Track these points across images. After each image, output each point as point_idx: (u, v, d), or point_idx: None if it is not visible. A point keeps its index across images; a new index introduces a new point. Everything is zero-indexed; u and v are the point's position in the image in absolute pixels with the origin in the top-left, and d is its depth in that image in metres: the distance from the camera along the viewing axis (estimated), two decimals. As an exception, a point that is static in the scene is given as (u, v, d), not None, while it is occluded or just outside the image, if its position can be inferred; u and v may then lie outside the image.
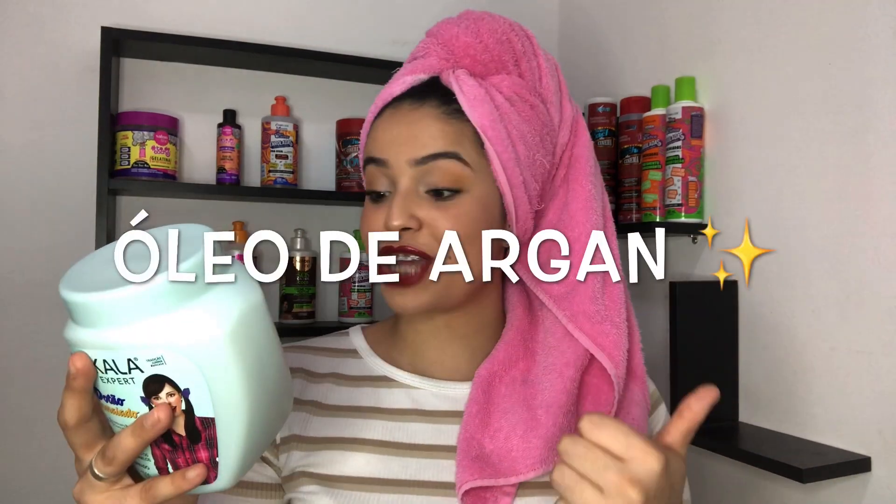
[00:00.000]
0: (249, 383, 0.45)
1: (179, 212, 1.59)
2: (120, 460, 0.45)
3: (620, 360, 0.65)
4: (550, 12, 1.93)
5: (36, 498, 1.44)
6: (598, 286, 0.67)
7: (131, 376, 0.43)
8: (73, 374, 0.43)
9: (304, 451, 0.66)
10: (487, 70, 0.66)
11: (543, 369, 0.66)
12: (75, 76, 1.51)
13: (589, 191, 0.69)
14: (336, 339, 0.75)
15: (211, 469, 0.47)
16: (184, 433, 0.46)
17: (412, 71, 0.66)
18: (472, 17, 0.68)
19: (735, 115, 1.27)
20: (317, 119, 1.73)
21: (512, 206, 0.65)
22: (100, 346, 0.43)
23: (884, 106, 1.01)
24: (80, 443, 0.47)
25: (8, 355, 1.43)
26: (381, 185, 0.64)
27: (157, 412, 0.44)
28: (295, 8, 1.70)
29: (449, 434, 0.66)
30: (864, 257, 1.04)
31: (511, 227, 0.67)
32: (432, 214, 0.62)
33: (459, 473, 0.61)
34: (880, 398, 1.01)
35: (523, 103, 0.66)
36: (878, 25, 1.02)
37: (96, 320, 0.43)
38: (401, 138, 0.63)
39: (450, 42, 0.66)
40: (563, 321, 0.67)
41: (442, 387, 0.68)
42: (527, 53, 0.68)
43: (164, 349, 0.43)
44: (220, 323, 0.44)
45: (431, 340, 0.70)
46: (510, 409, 0.64)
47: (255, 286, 0.48)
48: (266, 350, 0.47)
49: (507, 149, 0.63)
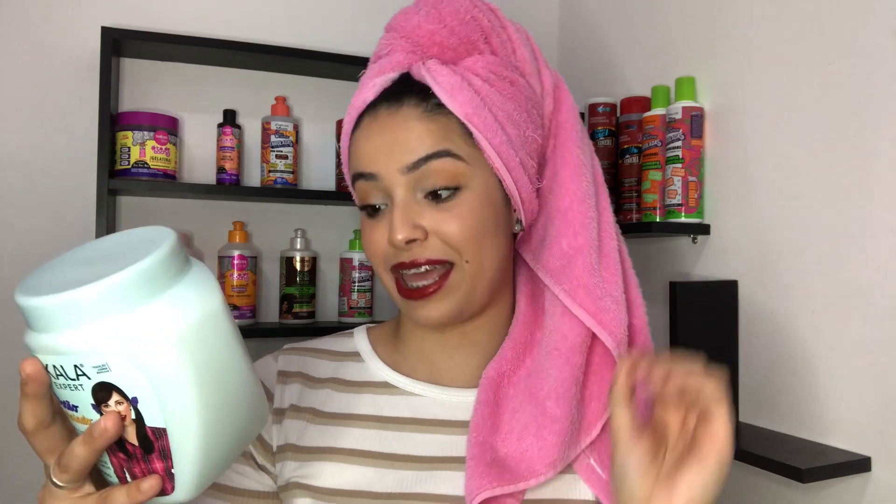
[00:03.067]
0: (202, 394, 0.43)
1: (179, 212, 1.59)
2: (74, 468, 0.44)
3: (622, 338, 0.61)
4: (550, 12, 1.93)
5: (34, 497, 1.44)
6: (594, 256, 0.63)
7: (80, 383, 0.42)
8: (23, 379, 0.43)
9: (297, 462, 0.64)
10: (458, 55, 0.62)
11: (546, 354, 0.63)
12: (75, 76, 1.51)
13: (577, 156, 0.66)
14: (339, 341, 0.73)
15: (167, 480, 0.45)
16: (136, 443, 0.44)
17: (380, 71, 0.62)
18: (431, 2, 0.63)
19: (735, 115, 1.27)
20: (317, 119, 1.73)
21: (514, 190, 0.62)
22: (49, 352, 0.42)
23: (884, 106, 1.01)
24: (42, 448, 0.46)
25: (7, 355, 1.43)
26: (376, 198, 0.61)
27: (103, 421, 0.42)
28: (295, 8, 1.71)
29: (448, 445, 0.63)
30: (864, 257, 1.04)
31: (518, 212, 0.65)
32: (436, 219, 0.59)
33: (475, 481, 0.58)
34: (880, 398, 1.01)
35: (502, 81, 0.62)
36: (878, 25, 1.02)
37: (45, 324, 0.42)
38: (386, 147, 0.59)
39: (413, 33, 0.62)
40: (561, 297, 0.63)
41: (446, 394, 0.66)
42: (495, 28, 0.64)
43: (109, 356, 0.41)
44: (168, 329, 0.42)
45: (438, 347, 0.67)
46: (519, 408, 0.62)
47: (214, 290, 0.45)
48: (224, 357, 0.45)
49: (496, 133, 0.60)
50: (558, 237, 0.65)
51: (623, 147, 1.46)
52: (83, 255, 0.46)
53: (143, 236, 0.45)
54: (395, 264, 0.60)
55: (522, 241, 0.69)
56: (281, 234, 1.69)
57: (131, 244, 0.44)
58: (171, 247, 0.43)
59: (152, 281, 0.41)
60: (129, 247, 0.44)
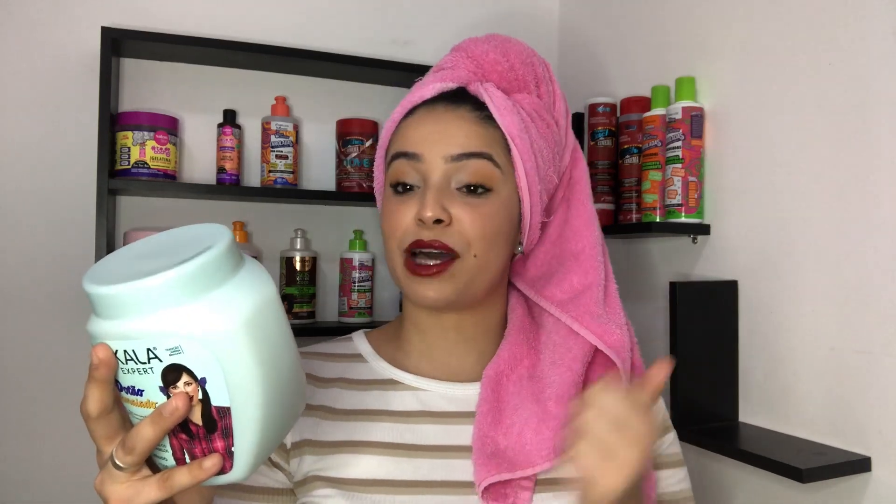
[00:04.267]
0: (264, 374, 0.47)
1: (179, 212, 1.59)
2: (139, 450, 0.46)
3: (626, 358, 0.68)
4: (550, 12, 1.93)
5: (34, 496, 1.44)
6: (599, 294, 0.71)
7: (150, 366, 0.45)
8: (95, 364, 0.45)
9: (316, 455, 0.67)
10: (512, 87, 0.71)
11: (550, 364, 0.69)
12: (75, 76, 1.51)
13: (589, 210, 0.76)
14: (340, 345, 0.77)
15: (227, 459, 0.48)
16: (200, 422, 0.47)
17: (441, 79, 0.70)
18: (500, 39, 0.73)
19: (735, 115, 1.27)
20: (317, 119, 1.73)
21: (528, 213, 0.69)
22: (120, 337, 0.45)
23: (884, 106, 1.01)
24: (102, 434, 0.48)
25: (8, 355, 1.43)
26: (411, 178, 0.67)
27: (175, 400, 0.45)
28: (295, 8, 1.70)
29: (458, 434, 0.67)
30: (864, 257, 1.04)
31: (523, 235, 0.72)
32: (463, 210, 0.65)
33: (478, 471, 0.64)
34: (880, 398, 1.01)
35: (541, 121, 0.71)
36: (878, 25, 1.02)
37: (116, 312, 0.44)
38: (436, 135, 0.66)
39: (479, 57, 0.71)
40: (567, 322, 0.70)
41: (449, 388, 0.70)
42: (545, 79, 0.74)
43: (182, 339, 0.44)
44: (235, 314, 0.45)
45: (439, 343, 0.72)
46: (520, 405, 0.67)
47: (269, 281, 0.50)
48: (279, 343, 0.49)
49: (529, 157, 0.68)
50: (569, 275, 0.74)
51: (623, 147, 1.46)
52: (143, 249, 0.49)
53: (199, 232, 0.48)
54: (412, 242, 0.65)
55: (517, 273, 0.77)
56: (281, 234, 1.69)
57: (189, 239, 0.48)
58: (232, 240, 0.47)
59: (219, 270, 0.45)
60: (187, 241, 0.48)
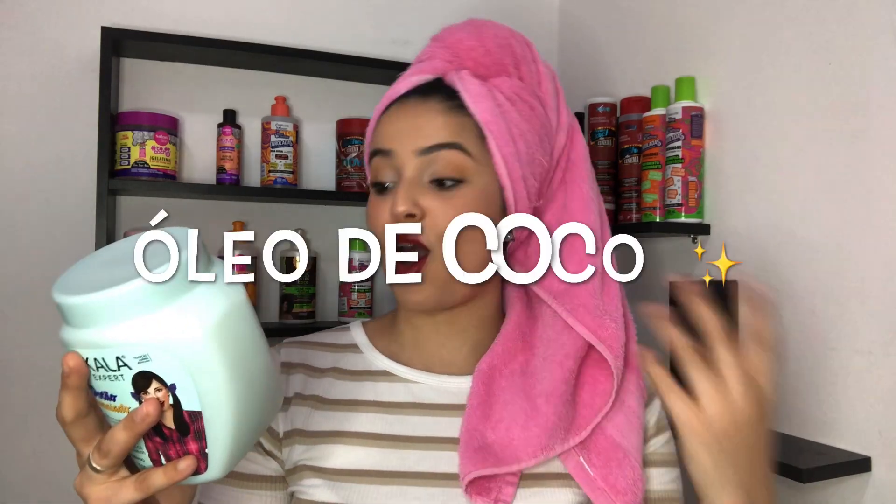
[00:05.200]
0: (233, 378, 0.47)
1: (179, 212, 1.59)
2: (114, 453, 0.47)
3: (619, 352, 0.67)
4: (550, 12, 1.93)
5: (33, 496, 1.44)
6: (597, 283, 0.70)
7: (120, 373, 0.46)
8: (66, 372, 0.46)
9: (305, 445, 0.68)
10: (489, 72, 0.69)
11: (543, 360, 0.68)
12: (75, 76, 1.51)
13: (587, 192, 0.72)
14: (336, 334, 0.77)
15: (201, 460, 0.49)
16: (173, 426, 0.48)
17: (418, 72, 0.69)
18: (476, 24, 0.71)
19: (735, 115, 1.27)
20: (317, 119, 1.73)
21: (512, 200, 0.67)
22: (90, 346, 0.45)
23: (884, 106, 1.01)
24: (79, 437, 0.49)
25: (7, 355, 1.43)
26: (387, 176, 0.67)
27: (145, 407, 0.46)
28: (295, 8, 1.71)
29: (447, 426, 0.67)
30: (864, 257, 1.04)
31: None
32: (435, 203, 0.64)
33: (463, 464, 0.63)
34: (880, 398, 1.01)
35: (523, 103, 0.68)
36: (878, 25, 1.02)
37: (84, 321, 0.45)
38: (406, 129, 0.66)
39: (454, 45, 0.70)
40: (562, 315, 0.68)
41: (441, 381, 0.70)
42: (526, 59, 0.71)
43: (149, 347, 0.45)
44: (201, 322, 0.45)
45: (432, 335, 0.72)
46: (510, 401, 0.67)
47: (238, 286, 0.50)
48: (249, 347, 0.49)
49: (507, 143, 0.66)
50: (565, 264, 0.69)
51: (623, 147, 1.46)
52: (110, 256, 0.50)
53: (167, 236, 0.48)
54: None
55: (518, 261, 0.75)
56: (281, 234, 1.69)
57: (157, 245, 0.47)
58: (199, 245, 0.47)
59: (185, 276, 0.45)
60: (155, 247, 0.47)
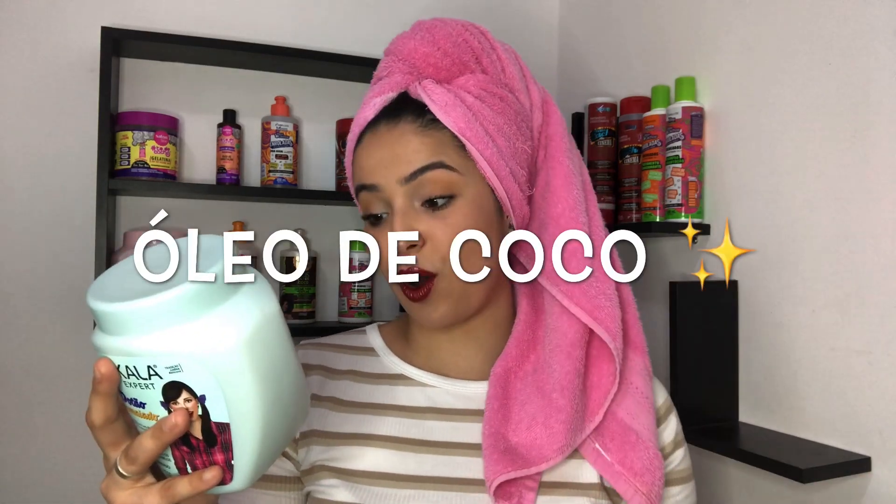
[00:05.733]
0: (263, 392, 0.47)
1: (179, 212, 1.59)
2: (141, 460, 0.47)
3: (616, 332, 0.66)
4: (550, 12, 1.93)
5: (35, 499, 1.44)
6: None
7: (151, 382, 0.46)
8: (97, 378, 0.46)
9: (323, 446, 0.68)
10: (451, 74, 0.68)
11: (549, 351, 0.68)
12: (75, 76, 1.51)
13: (567, 166, 0.71)
14: (353, 337, 0.77)
15: (227, 471, 0.49)
16: (200, 437, 0.48)
17: (380, 92, 0.68)
18: (425, 27, 0.70)
19: (735, 115, 1.27)
20: (317, 119, 1.73)
21: (506, 198, 0.67)
22: (122, 353, 0.45)
23: (884, 106, 1.01)
24: (107, 442, 0.49)
25: (8, 355, 1.43)
26: (377, 208, 0.67)
27: (174, 417, 0.46)
28: (295, 8, 1.70)
29: (465, 431, 0.67)
30: (864, 257, 1.03)
31: (510, 218, 0.69)
32: (431, 225, 0.64)
33: (491, 467, 0.63)
34: (880, 398, 1.01)
35: (492, 97, 0.67)
36: (878, 25, 1.02)
37: (118, 328, 0.45)
38: (385, 160, 0.65)
39: (409, 56, 0.68)
40: (558, 297, 0.68)
41: (458, 385, 0.70)
42: (485, 49, 0.70)
43: (182, 358, 0.45)
44: (234, 334, 0.46)
45: (446, 343, 0.72)
46: (527, 400, 0.67)
47: (271, 296, 0.49)
48: (280, 359, 0.49)
49: (487, 145, 0.65)
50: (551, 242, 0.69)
51: (623, 147, 1.46)
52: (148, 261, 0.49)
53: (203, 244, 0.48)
54: None
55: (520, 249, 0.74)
56: (281, 234, 1.69)
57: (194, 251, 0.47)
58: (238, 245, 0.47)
59: (220, 288, 0.46)
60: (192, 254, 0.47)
